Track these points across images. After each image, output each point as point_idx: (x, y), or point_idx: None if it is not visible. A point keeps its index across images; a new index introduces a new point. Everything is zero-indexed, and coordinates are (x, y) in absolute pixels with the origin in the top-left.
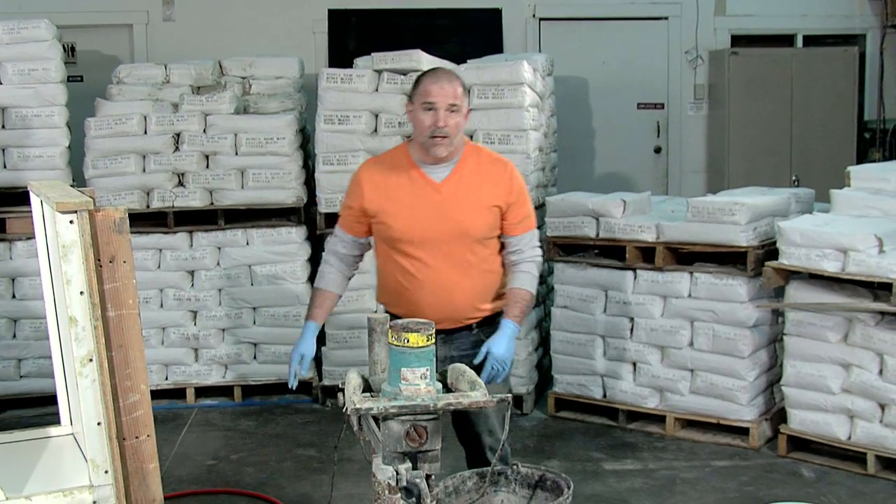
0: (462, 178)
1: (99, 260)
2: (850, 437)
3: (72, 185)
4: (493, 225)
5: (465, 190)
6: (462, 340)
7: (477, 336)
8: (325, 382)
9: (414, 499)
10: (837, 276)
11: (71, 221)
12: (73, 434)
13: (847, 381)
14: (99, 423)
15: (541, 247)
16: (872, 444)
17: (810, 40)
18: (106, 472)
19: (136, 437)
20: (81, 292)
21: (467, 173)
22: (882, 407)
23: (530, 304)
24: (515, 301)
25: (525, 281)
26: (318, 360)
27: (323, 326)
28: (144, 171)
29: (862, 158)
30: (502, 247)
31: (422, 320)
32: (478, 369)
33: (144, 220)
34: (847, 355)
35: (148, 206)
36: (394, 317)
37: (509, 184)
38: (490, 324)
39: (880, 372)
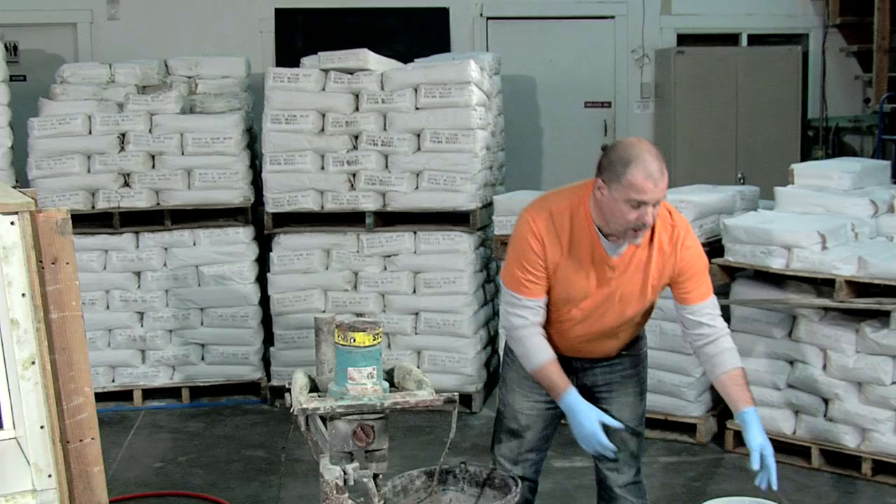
0: (634, 257)
1: (41, 261)
2: (794, 432)
3: (15, 187)
4: (654, 301)
5: (634, 270)
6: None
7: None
8: (274, 383)
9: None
10: (782, 273)
11: (12, 223)
12: (15, 438)
13: (792, 376)
14: (42, 427)
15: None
16: (816, 439)
17: (755, 39)
18: (49, 476)
19: (81, 441)
20: (23, 294)
21: (640, 252)
22: (826, 401)
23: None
24: (740, 385)
25: (735, 359)
26: (265, 361)
27: (270, 326)
28: (89, 171)
29: (806, 156)
30: (683, 320)
31: (368, 319)
32: None
33: (90, 221)
34: (792, 351)
35: (93, 207)
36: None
37: (678, 259)
38: (629, 346)
39: (824, 367)
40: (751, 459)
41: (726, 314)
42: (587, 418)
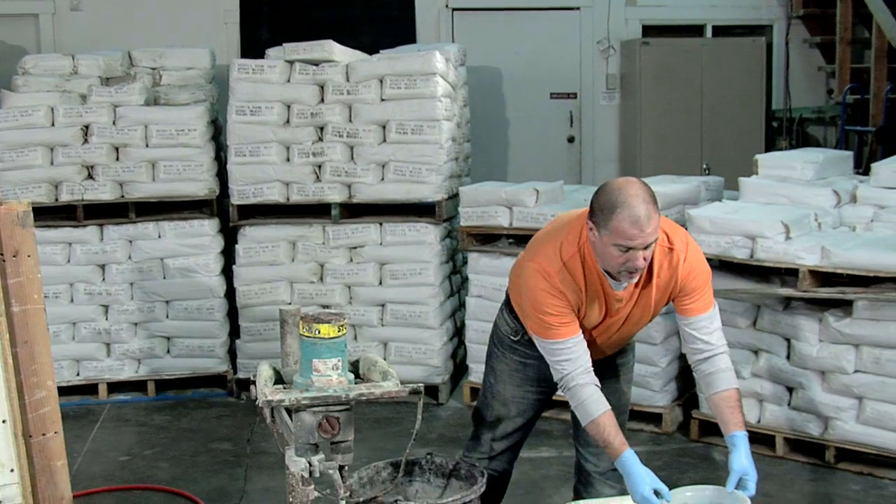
0: (639, 287)
1: (2, 254)
2: (759, 421)
3: None
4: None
5: (639, 297)
6: None
7: None
8: (240, 375)
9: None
10: (746, 263)
11: None
12: None
13: (756, 365)
14: (4, 421)
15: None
16: (781, 427)
17: (719, 31)
18: (12, 470)
19: (44, 435)
20: None
21: (642, 280)
22: (790, 390)
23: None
24: (732, 407)
25: (730, 380)
26: (231, 353)
27: (236, 318)
28: (52, 163)
29: (770, 147)
30: (682, 331)
31: (333, 311)
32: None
33: (53, 214)
34: (756, 340)
35: (56, 200)
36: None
37: (678, 280)
38: None
39: (788, 356)
40: (728, 480)
41: None
42: (642, 483)
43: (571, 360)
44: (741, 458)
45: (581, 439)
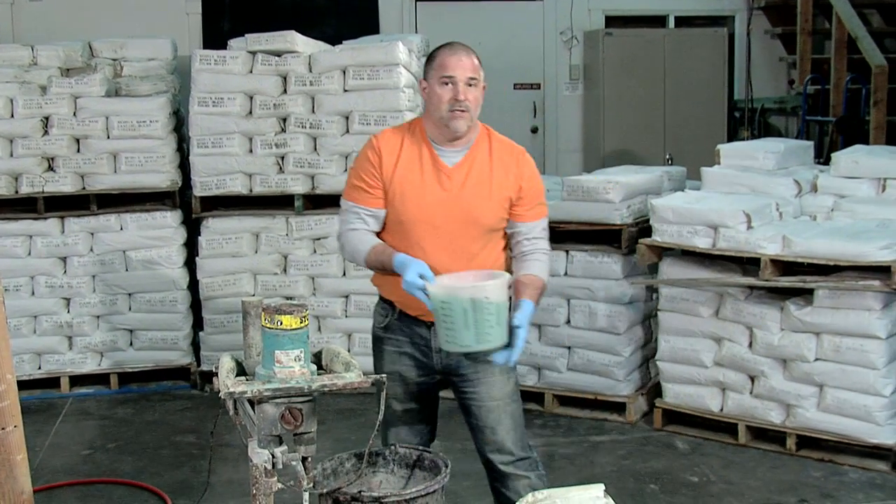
0: (473, 164)
1: None
2: (722, 409)
3: None
4: (501, 216)
5: (476, 177)
6: None
7: None
8: (203, 368)
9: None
10: (708, 252)
11: None
12: None
13: (719, 354)
14: None
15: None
16: (743, 415)
17: (682, 21)
18: None
19: (3, 429)
20: None
21: (479, 160)
22: (752, 379)
23: (543, 292)
24: (534, 287)
25: (539, 269)
26: (195, 346)
27: (200, 310)
28: (12, 155)
29: (732, 137)
30: (509, 238)
31: (295, 302)
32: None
33: (13, 206)
34: (719, 329)
35: (16, 192)
36: (387, 303)
37: (520, 171)
38: None
39: (750, 345)
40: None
41: (654, 293)
42: (410, 271)
43: (353, 223)
44: (522, 318)
45: (480, 441)
